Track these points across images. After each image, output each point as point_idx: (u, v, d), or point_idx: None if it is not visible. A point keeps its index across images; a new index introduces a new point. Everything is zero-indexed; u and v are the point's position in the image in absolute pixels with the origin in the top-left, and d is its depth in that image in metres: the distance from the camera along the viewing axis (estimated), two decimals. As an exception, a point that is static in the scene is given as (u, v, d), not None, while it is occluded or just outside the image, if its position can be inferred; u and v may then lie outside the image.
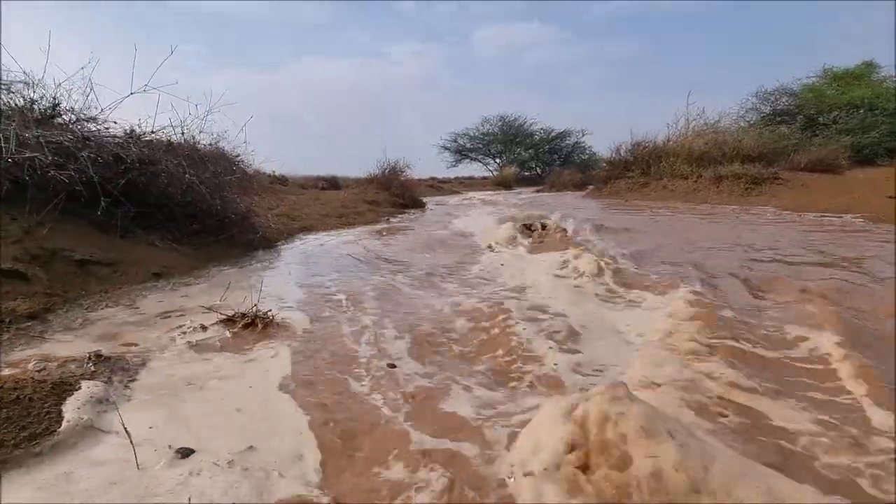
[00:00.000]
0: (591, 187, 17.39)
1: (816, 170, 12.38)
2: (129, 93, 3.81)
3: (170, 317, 2.55)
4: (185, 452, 1.31)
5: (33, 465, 1.25)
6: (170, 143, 4.11)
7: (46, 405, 1.44)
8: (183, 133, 4.25)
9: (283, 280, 3.49)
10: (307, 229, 6.86)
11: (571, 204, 12.28)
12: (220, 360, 2.02)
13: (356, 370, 1.91)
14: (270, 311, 2.54)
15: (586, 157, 30.80)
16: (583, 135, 31.65)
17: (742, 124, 18.15)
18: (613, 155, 15.94)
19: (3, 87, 4.62)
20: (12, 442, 1.27)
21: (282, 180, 14.52)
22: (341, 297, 3.04)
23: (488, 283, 3.40)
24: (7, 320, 2.17)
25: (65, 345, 2.07)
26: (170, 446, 1.33)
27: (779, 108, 20.51)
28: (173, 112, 4.78)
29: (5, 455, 1.24)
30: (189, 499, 1.01)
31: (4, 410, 1.35)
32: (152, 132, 4.03)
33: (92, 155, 3.33)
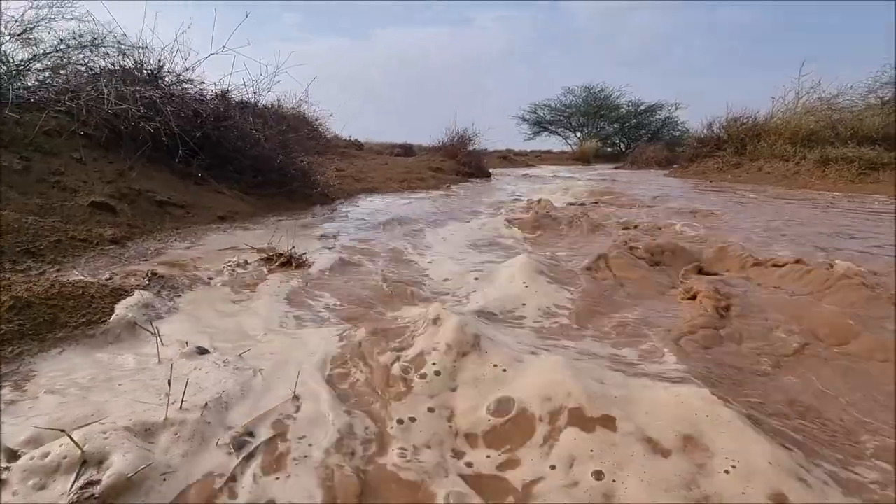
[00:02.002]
0: (675, 166, 16.19)
1: (956, 155, 10.50)
2: (209, 53, 4.25)
3: (222, 252, 2.92)
4: (202, 351, 1.58)
5: (87, 344, 1.58)
6: (242, 102, 4.53)
7: (104, 303, 1.78)
8: (255, 92, 4.66)
9: (326, 229, 3.79)
10: (369, 191, 7.21)
11: (632, 180, 11.57)
12: (252, 288, 2.32)
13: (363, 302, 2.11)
14: (304, 252, 2.82)
15: (678, 133, 28.41)
16: (676, 108, 29.14)
17: (872, 100, 15.69)
18: (705, 131, 14.67)
19: (118, 50, 5.34)
20: (74, 324, 1.62)
21: (357, 145, 15.20)
22: (367, 245, 3.26)
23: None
24: (94, 242, 2.63)
25: (134, 265, 2.48)
26: (186, 343, 1.61)
27: (924, 81, 17.27)
28: (247, 73, 5.20)
29: (68, 333, 1.58)
30: (169, 381, 1.25)
31: (72, 301, 1.71)
32: (228, 91, 4.47)
33: (174, 109, 3.78)
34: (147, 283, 2.12)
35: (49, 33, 4.68)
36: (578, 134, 30.47)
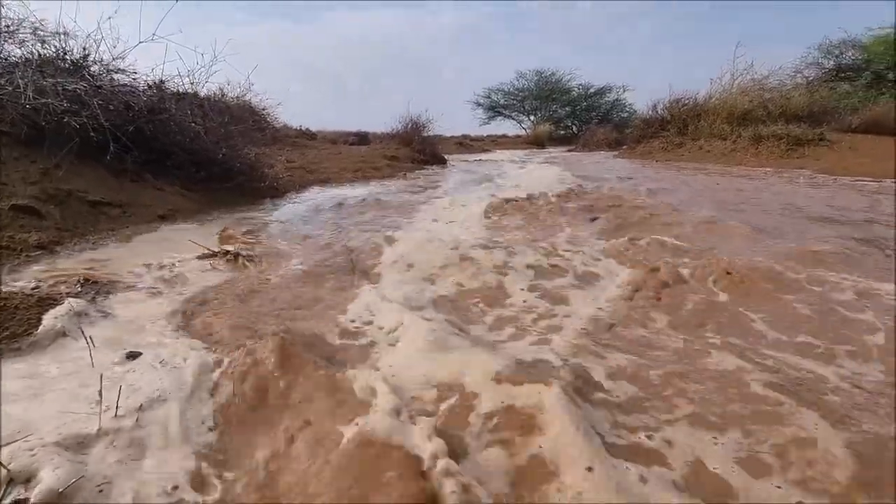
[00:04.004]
0: (624, 147, 16.74)
1: (871, 131, 11.42)
2: (138, 41, 3.99)
3: (163, 253, 2.80)
4: (134, 355, 1.53)
5: (11, 357, 1.50)
6: (178, 93, 4.30)
7: (29, 314, 1.68)
8: (192, 83, 4.43)
9: (275, 225, 3.70)
10: (322, 182, 7.05)
11: (576, 161, 11.92)
12: (193, 286, 2.25)
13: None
14: (251, 247, 2.75)
15: (626, 114, 29.28)
16: (623, 91, 30.05)
17: (799, 80, 16.74)
18: (650, 113, 15.23)
19: (37, 37, 4.94)
20: (-5, 338, 1.53)
21: (309, 135, 14.78)
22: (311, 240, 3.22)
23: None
24: (18, 249, 2.47)
25: (64, 271, 2.34)
26: (124, 349, 1.56)
27: (844, 62, 18.56)
28: (182, 62, 4.95)
29: (-11, 348, 1.49)
30: (100, 391, 1.22)
31: (-8, 315, 1.61)
32: (162, 81, 4.23)
33: (102, 103, 3.56)
34: (79, 289, 2.01)
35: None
36: (532, 118, 30.86)
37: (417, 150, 10.69)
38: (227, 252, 2.68)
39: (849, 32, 17.99)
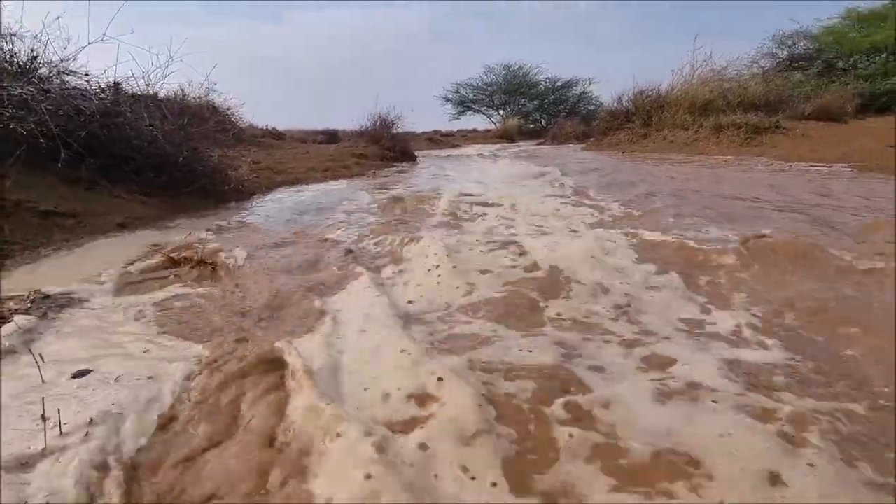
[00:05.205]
0: (591, 139, 17.02)
1: (822, 118, 11.95)
2: (87, 42, 3.85)
3: (121, 262, 2.72)
4: (82, 373, 1.49)
5: (-45, 379, 1.44)
6: (134, 95, 4.16)
7: (-26, 333, 1.62)
8: (147, 84, 4.29)
9: (241, 229, 3.63)
10: (290, 183, 6.94)
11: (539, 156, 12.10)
12: (153, 296, 2.20)
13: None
14: (217, 253, 2.70)
15: (593, 107, 29.72)
16: (590, 83, 30.44)
17: (755, 70, 17.36)
18: (615, 105, 15.52)
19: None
20: (-64, 361, 1.46)
21: (276, 134, 14.48)
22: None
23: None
24: (-38, 264, 2.36)
25: (13, 287, 2.25)
26: (74, 366, 1.52)
27: (796, 52, 19.34)
28: (136, 63, 4.80)
29: (-70, 371, 1.43)
30: (42, 414, 1.19)
31: (-68, 336, 1.54)
32: (117, 83, 4.08)
33: (50, 107, 3.41)
34: (29, 305, 1.94)
35: None
36: (501, 112, 31.01)
37: (387, 147, 10.62)
38: (187, 260, 2.62)
39: (800, 24, 18.75)
